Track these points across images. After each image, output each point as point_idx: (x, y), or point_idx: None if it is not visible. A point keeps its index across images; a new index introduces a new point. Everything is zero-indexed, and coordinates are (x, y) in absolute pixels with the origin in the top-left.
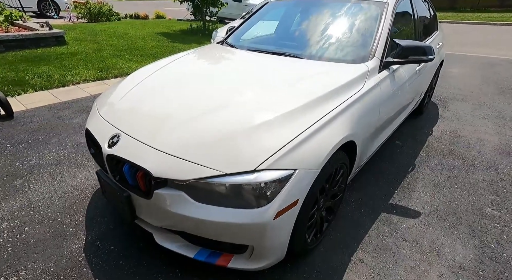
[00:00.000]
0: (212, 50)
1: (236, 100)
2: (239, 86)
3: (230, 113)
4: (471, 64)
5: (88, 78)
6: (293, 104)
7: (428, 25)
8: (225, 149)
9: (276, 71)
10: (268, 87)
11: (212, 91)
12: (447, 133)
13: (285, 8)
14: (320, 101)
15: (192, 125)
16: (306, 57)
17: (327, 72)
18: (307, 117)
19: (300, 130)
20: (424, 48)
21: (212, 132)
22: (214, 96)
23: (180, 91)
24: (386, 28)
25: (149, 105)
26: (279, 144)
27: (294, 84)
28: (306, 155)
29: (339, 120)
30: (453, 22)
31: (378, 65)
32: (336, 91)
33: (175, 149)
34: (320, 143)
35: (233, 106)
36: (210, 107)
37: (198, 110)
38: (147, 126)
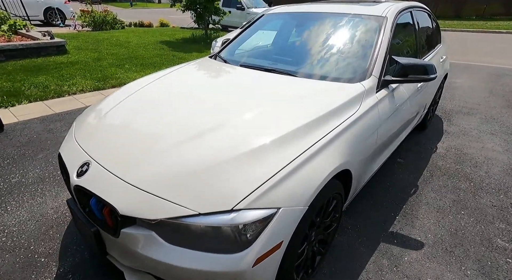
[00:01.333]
0: (202, 65)
1: (218, 125)
2: (223, 109)
3: (210, 141)
4: (477, 74)
5: (84, 89)
6: (280, 131)
7: (430, 38)
8: (202, 183)
9: (265, 91)
10: (253, 111)
11: (196, 114)
12: (452, 150)
13: (281, 21)
14: (310, 127)
15: (170, 154)
16: (298, 75)
17: (320, 93)
18: (294, 146)
19: (285, 162)
20: (425, 66)
21: (190, 164)
22: (197, 120)
23: (162, 114)
24: (385, 45)
25: (126, 129)
26: (262, 178)
27: (282, 107)
28: (291, 191)
29: (331, 148)
30: (458, 30)
31: (375, 84)
32: (328, 115)
33: (148, 182)
34: (309, 175)
35: (214, 133)
36: (191, 133)
37: (178, 137)
38: (121, 154)
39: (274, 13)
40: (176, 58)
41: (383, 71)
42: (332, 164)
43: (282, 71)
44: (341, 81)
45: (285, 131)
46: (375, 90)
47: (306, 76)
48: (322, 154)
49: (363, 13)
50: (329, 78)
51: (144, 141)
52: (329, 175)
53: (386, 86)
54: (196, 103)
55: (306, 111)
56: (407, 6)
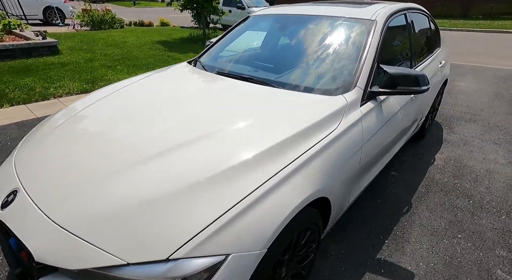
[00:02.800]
0: (175, 73)
1: (168, 149)
2: (180, 128)
3: (155, 170)
4: (481, 77)
5: (71, 91)
6: (236, 158)
7: (428, 42)
8: (138, 225)
9: (232, 106)
10: (213, 131)
11: (150, 134)
12: (451, 162)
13: (266, 24)
14: (276, 152)
15: (107, 186)
16: (275, 84)
17: (294, 107)
18: (252, 176)
19: (240, 196)
20: (416, 77)
21: (128, 199)
22: (147, 141)
23: (111, 133)
24: (373, 51)
25: (69, 150)
26: (208, 218)
27: (247, 126)
28: (245, 231)
29: (301, 174)
30: (464, 30)
31: (360, 97)
32: (301, 135)
33: (76, 222)
34: (270, 210)
35: (162, 159)
36: (136, 159)
37: (120, 164)
38: (55, 183)
39: (260, 15)
40: (171, 59)
41: (369, 81)
42: (301, 194)
43: (258, 80)
44: (321, 93)
45: (243, 158)
46: (359, 104)
47: (283, 87)
48: (288, 183)
49: (350, 16)
50: (308, 90)
51: (85, 166)
52: (298, 206)
53: (374, 98)
54: (154, 121)
55: (274, 131)
56: (400, 8)
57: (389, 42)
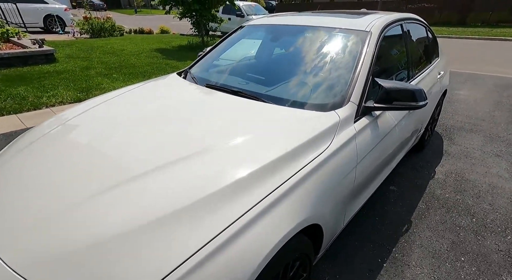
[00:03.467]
0: (164, 85)
1: (135, 176)
2: (161, 148)
3: (114, 203)
4: (481, 85)
5: (64, 100)
6: (216, 183)
7: (425, 52)
8: (89, 266)
9: (219, 122)
10: (194, 151)
11: (127, 153)
12: (453, 176)
13: (258, 34)
14: (260, 176)
15: (68, 220)
16: (265, 98)
17: (283, 125)
18: (233, 206)
19: (216, 231)
20: (413, 92)
21: (87, 236)
22: (115, 166)
23: (91, 149)
24: (367, 64)
25: (39, 170)
26: (176, 259)
27: (232, 147)
28: (222, 271)
29: (289, 201)
30: (462, 37)
31: (354, 112)
32: (288, 157)
33: (30, 264)
34: (251, 246)
35: (121, 190)
36: (99, 187)
37: (83, 192)
38: (13, 215)
39: (253, 25)
40: (168, 67)
41: (363, 96)
42: (288, 223)
43: (247, 94)
44: (312, 109)
45: (222, 184)
46: (353, 120)
47: (273, 101)
48: (274, 212)
49: (344, 27)
50: (298, 105)
51: (55, 190)
52: (284, 238)
53: (369, 113)
54: (132, 138)
55: (259, 153)
56: (397, 19)
57: (385, 54)
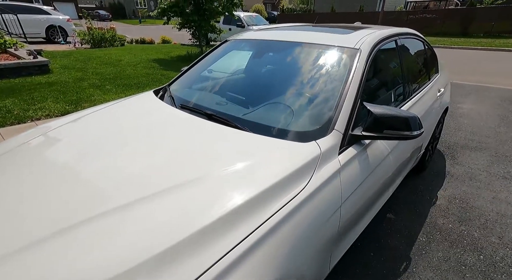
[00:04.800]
0: (135, 106)
1: (53, 233)
2: (95, 194)
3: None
4: (485, 98)
5: (51, 113)
6: (164, 239)
7: (423, 69)
8: None
9: (182, 154)
10: (146, 194)
11: (71, 196)
12: (456, 202)
13: (242, 50)
14: (217, 230)
15: None
16: (240, 123)
17: (253, 160)
18: (184, 267)
19: None
20: (406, 119)
21: None
22: (39, 217)
23: (22, 194)
24: (355, 86)
25: None
26: None
27: (192, 189)
28: None
29: (256, 258)
30: (464, 48)
31: (338, 142)
32: (256, 202)
33: None
34: None
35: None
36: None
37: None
38: None
39: (238, 39)
40: (164, 78)
41: (350, 123)
42: None
43: (220, 118)
44: (289, 138)
45: (170, 243)
46: (337, 151)
47: (247, 127)
48: (236, 273)
49: (331, 43)
50: (274, 133)
51: None
52: None
53: (357, 142)
54: (74, 182)
55: (222, 196)
56: (390, 34)
57: (377, 73)
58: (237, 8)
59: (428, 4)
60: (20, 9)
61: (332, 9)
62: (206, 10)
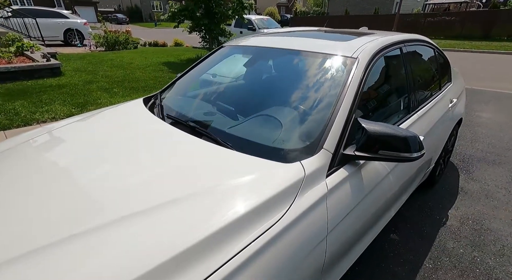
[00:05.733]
0: (118, 116)
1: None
2: (56, 220)
3: None
4: (507, 106)
5: (57, 116)
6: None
7: (433, 79)
8: None
9: (155, 175)
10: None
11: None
12: (469, 223)
13: (236, 57)
14: (185, 261)
15: None
16: (223, 138)
17: (227, 183)
18: None
19: None
20: (405, 139)
21: None
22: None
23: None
24: (350, 99)
25: None
26: None
27: (160, 216)
28: None
29: None
30: (486, 52)
31: (327, 163)
32: (225, 233)
33: None
34: None
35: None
36: None
37: None
38: None
39: (233, 46)
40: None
41: (342, 140)
42: None
43: (202, 132)
44: (272, 157)
45: None
46: (325, 173)
47: (230, 142)
48: None
49: (328, 51)
50: (256, 151)
51: None
52: None
53: (350, 162)
54: (41, 204)
55: (191, 225)
56: (394, 41)
57: (378, 84)
58: (247, 11)
59: (448, 6)
60: (40, 13)
61: (346, 12)
62: (216, 13)
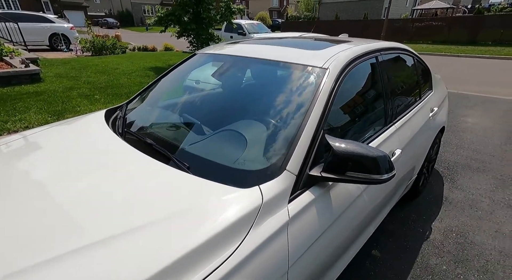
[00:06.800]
0: (73, 131)
1: None
2: None
3: None
4: (492, 111)
5: (31, 125)
6: None
7: (412, 88)
8: None
9: (97, 208)
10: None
11: None
12: (453, 236)
13: (207, 66)
14: None
15: None
16: (179, 157)
17: (167, 219)
18: None
19: None
20: (374, 159)
21: None
22: None
23: None
24: (318, 114)
25: None
26: None
27: (94, 253)
28: None
29: None
30: (472, 56)
31: (290, 186)
32: (166, 274)
33: None
34: None
35: None
36: None
37: None
38: None
39: (205, 53)
40: None
41: (307, 161)
42: None
43: (160, 151)
44: (226, 182)
45: None
46: (287, 198)
47: (187, 164)
48: None
49: (297, 61)
50: (212, 173)
51: None
52: None
53: (318, 183)
54: None
55: (129, 263)
56: (370, 50)
57: (350, 96)
58: (239, 16)
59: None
60: (23, 17)
61: (336, 17)
62: (204, 18)
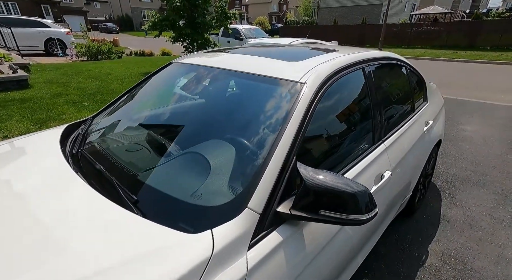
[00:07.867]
0: (14, 153)
1: None
2: None
3: None
4: (492, 118)
5: (10, 134)
6: None
7: (405, 100)
8: None
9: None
10: None
11: None
12: (451, 261)
13: (179, 77)
14: None
15: None
16: (128, 190)
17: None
18: None
19: None
20: (352, 196)
21: None
22: None
23: None
24: (290, 137)
25: None
26: None
27: None
28: None
29: None
30: (471, 61)
31: (251, 228)
32: None
33: None
34: None
35: None
36: None
37: None
38: None
39: (180, 63)
40: None
41: (275, 195)
42: None
43: (108, 177)
44: (170, 224)
45: None
46: (247, 244)
47: (134, 198)
48: None
49: (273, 74)
50: (161, 214)
51: None
52: None
53: (288, 221)
54: None
55: None
56: (356, 61)
57: (331, 114)
58: (237, 21)
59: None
60: (18, 22)
61: (334, 21)
62: (199, 23)
